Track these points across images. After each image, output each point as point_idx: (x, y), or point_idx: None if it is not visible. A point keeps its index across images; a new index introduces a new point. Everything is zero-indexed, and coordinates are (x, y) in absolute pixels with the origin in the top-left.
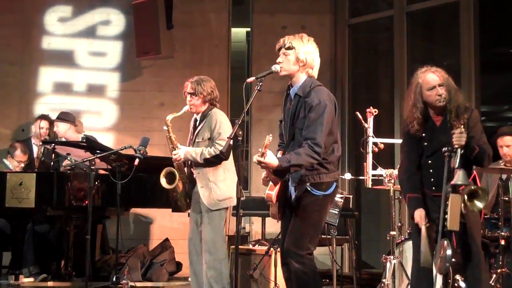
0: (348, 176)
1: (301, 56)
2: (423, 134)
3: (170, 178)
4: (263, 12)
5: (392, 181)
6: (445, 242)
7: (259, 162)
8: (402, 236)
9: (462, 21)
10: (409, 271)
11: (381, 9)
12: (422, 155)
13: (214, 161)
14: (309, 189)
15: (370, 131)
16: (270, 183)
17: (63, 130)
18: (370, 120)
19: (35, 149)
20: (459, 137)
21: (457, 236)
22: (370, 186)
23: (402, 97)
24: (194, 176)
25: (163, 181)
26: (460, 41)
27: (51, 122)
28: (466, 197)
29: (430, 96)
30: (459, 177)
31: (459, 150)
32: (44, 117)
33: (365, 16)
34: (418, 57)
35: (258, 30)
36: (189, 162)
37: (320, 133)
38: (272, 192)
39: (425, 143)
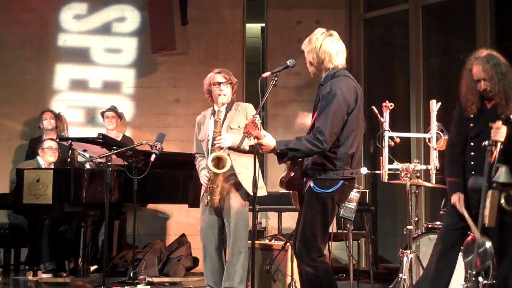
0: (364, 170)
1: (308, 59)
2: (471, 116)
3: (219, 163)
4: (277, 7)
5: (408, 175)
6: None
7: (257, 144)
8: (419, 231)
9: (478, 14)
10: (425, 265)
11: (396, 3)
12: (467, 137)
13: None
14: (311, 185)
15: (386, 125)
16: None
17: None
18: (386, 114)
19: None
20: (495, 132)
21: (492, 231)
22: (386, 181)
23: (418, 90)
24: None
25: (210, 164)
26: (476, 34)
27: (56, 115)
28: (503, 199)
29: (477, 86)
30: (501, 174)
31: (499, 144)
32: (46, 110)
33: (380, 10)
34: (433, 51)
35: (272, 25)
36: None
37: (325, 121)
38: (284, 179)
39: (472, 124)
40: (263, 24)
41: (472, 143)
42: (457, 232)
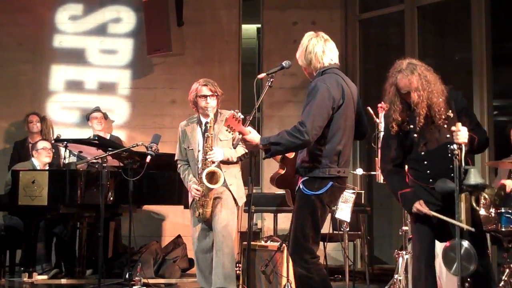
0: (359, 171)
1: (300, 63)
2: (411, 126)
3: (212, 177)
4: (273, 8)
5: None
6: (465, 243)
7: (244, 140)
8: None
9: (474, 15)
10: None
11: (391, 4)
12: (411, 148)
13: (242, 159)
14: (301, 187)
15: (382, 126)
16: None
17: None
18: (382, 115)
19: None
20: (459, 134)
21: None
22: (382, 182)
23: None
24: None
25: (204, 179)
26: (471, 35)
27: (41, 118)
28: (474, 201)
29: (407, 98)
30: (470, 176)
31: (463, 146)
32: (31, 113)
33: (375, 11)
34: (429, 51)
35: (268, 26)
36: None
37: (307, 113)
38: (274, 176)
39: (415, 135)
40: (259, 25)
41: (423, 153)
42: (433, 243)
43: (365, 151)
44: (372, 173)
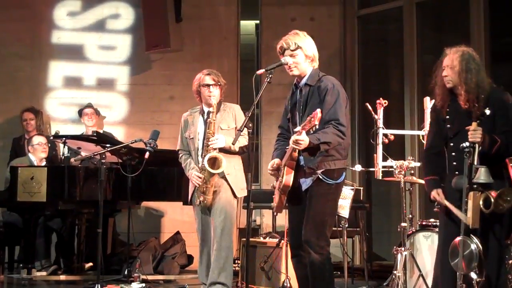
0: (358, 167)
1: (308, 53)
2: (447, 116)
3: (214, 163)
4: (272, 4)
5: (403, 172)
6: (468, 241)
7: (296, 141)
8: (413, 228)
9: (472, 10)
10: (420, 262)
11: (390, 0)
12: (447, 137)
13: (244, 151)
14: (321, 177)
15: (380, 123)
16: (286, 168)
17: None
18: (380, 111)
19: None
20: (473, 133)
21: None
22: (380, 178)
23: (412, 88)
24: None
25: (206, 163)
26: (470, 31)
27: (36, 113)
28: (482, 202)
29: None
30: (480, 175)
31: (477, 146)
32: (26, 109)
33: (374, 7)
34: (428, 47)
35: (267, 22)
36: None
37: (340, 113)
38: (290, 177)
39: (448, 125)
40: (258, 21)
41: (451, 144)
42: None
43: (363, 148)
44: (371, 169)
